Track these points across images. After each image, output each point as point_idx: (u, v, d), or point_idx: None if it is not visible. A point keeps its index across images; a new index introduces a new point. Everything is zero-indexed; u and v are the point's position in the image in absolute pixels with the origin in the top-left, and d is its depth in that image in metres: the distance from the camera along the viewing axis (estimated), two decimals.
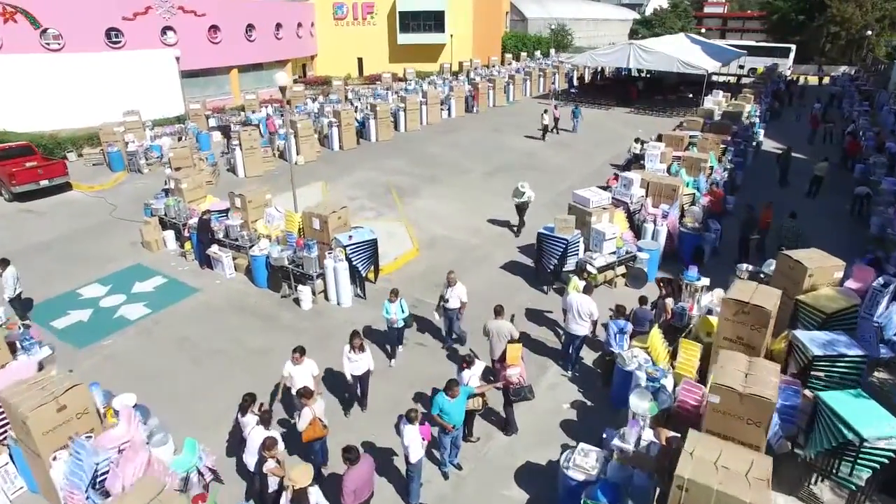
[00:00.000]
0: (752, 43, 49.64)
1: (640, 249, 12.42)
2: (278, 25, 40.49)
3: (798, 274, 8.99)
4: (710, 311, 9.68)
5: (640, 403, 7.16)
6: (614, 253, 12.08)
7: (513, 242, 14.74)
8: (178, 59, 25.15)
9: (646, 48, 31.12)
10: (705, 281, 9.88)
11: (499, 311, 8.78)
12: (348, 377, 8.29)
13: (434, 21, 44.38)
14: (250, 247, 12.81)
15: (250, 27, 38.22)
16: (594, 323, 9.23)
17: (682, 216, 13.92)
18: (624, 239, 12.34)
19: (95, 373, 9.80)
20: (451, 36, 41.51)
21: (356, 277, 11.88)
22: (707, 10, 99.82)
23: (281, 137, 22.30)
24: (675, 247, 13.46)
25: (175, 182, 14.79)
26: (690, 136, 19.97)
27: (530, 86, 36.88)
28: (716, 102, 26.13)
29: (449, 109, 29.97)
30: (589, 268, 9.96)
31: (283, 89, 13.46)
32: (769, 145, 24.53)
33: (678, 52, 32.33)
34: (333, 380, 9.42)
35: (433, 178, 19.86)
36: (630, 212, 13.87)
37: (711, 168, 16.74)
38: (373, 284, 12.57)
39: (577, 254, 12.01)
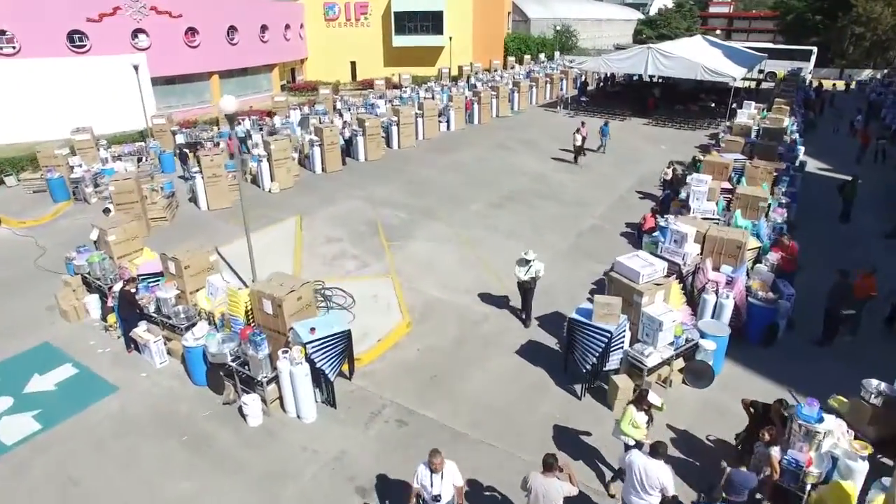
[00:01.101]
0: (770, 45, 46.32)
1: (702, 335, 9.19)
2: (263, 27, 37.15)
3: None
4: (834, 463, 6.50)
5: None
6: (671, 344, 8.85)
7: None
8: (136, 67, 21.77)
9: (665, 53, 27.83)
10: (829, 423, 6.61)
11: (550, 465, 5.73)
12: None
13: (432, 22, 41.10)
14: (187, 328, 9.61)
15: (232, 29, 34.89)
16: (671, 500, 6.01)
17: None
18: (682, 323, 9.09)
19: None
20: (450, 38, 38.18)
21: (323, 381, 8.64)
22: (712, 9, 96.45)
23: (254, 160, 19.02)
24: (741, 322, 10.23)
25: (100, 233, 11.52)
26: (735, 161, 16.75)
27: (536, 93, 33.58)
28: (750, 116, 22.85)
29: (448, 121, 26.67)
30: (653, 398, 6.75)
31: (229, 118, 10.22)
32: (812, 166, 21.28)
33: (700, 57, 29.04)
34: None
35: (429, 212, 16.59)
36: (682, 275, 10.64)
37: (769, 206, 13.51)
38: (348, 381, 9.33)
39: (622, 345, 8.79)
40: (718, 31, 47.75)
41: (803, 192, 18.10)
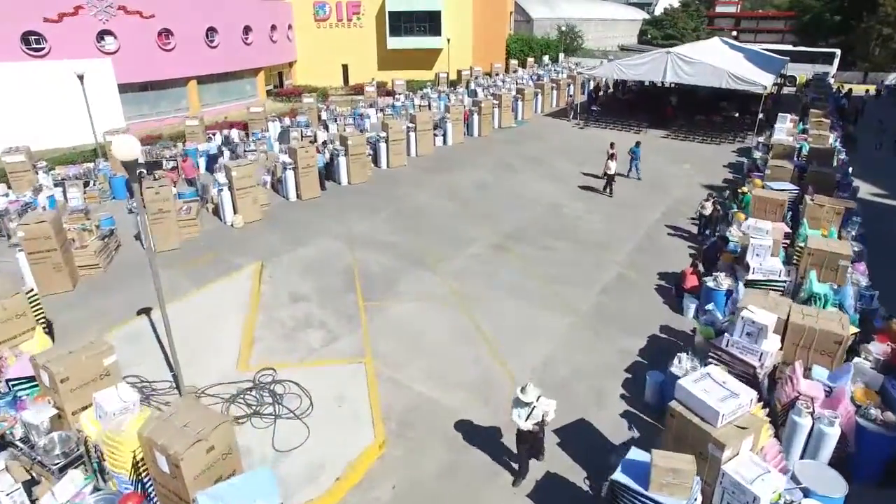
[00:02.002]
0: (789, 47, 43.22)
1: (806, 493, 6.22)
2: (247, 28, 34.13)
3: None
4: None
5: None
6: None
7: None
8: (81, 77, 18.77)
9: (686, 58, 24.79)
10: None
11: None
12: None
13: (429, 23, 38.05)
14: (62, 468, 6.67)
15: (212, 30, 31.89)
16: None
17: None
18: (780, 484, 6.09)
19: None
20: (448, 40, 35.11)
21: None
22: (719, 9, 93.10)
23: (216, 186, 16.03)
24: (844, 451, 7.25)
25: None
26: (789, 192, 13.78)
27: (542, 100, 30.54)
28: (788, 131, 19.83)
29: (445, 135, 23.66)
30: None
31: (128, 166, 7.22)
32: (863, 191, 18.23)
33: (724, 62, 26.00)
34: None
35: (418, 257, 13.60)
36: (756, 378, 7.66)
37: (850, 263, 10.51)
38: None
39: None
40: (735, 33, 44.23)
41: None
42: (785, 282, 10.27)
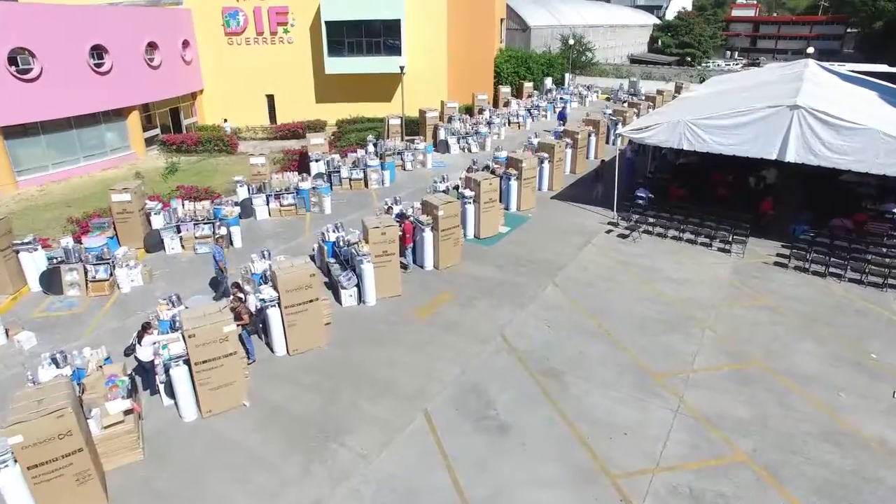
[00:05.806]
0: (884, 67, 30.79)
1: None
2: (98, 50, 21.62)
3: None
4: None
5: None
6: None
7: None
8: None
9: (828, 118, 12.48)
10: None
11: None
12: None
13: (384, 38, 25.63)
14: None
15: (24, 55, 19.41)
16: None
17: None
18: None
19: None
20: (402, 67, 22.51)
21: None
22: (735, 13, 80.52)
23: None
24: None
25: None
26: None
27: (549, 170, 18.22)
28: None
29: (360, 286, 11.32)
30: None
31: None
32: None
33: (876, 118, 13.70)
34: None
35: None
36: None
37: None
38: None
39: None
40: (811, 49, 31.83)
41: None
42: None
